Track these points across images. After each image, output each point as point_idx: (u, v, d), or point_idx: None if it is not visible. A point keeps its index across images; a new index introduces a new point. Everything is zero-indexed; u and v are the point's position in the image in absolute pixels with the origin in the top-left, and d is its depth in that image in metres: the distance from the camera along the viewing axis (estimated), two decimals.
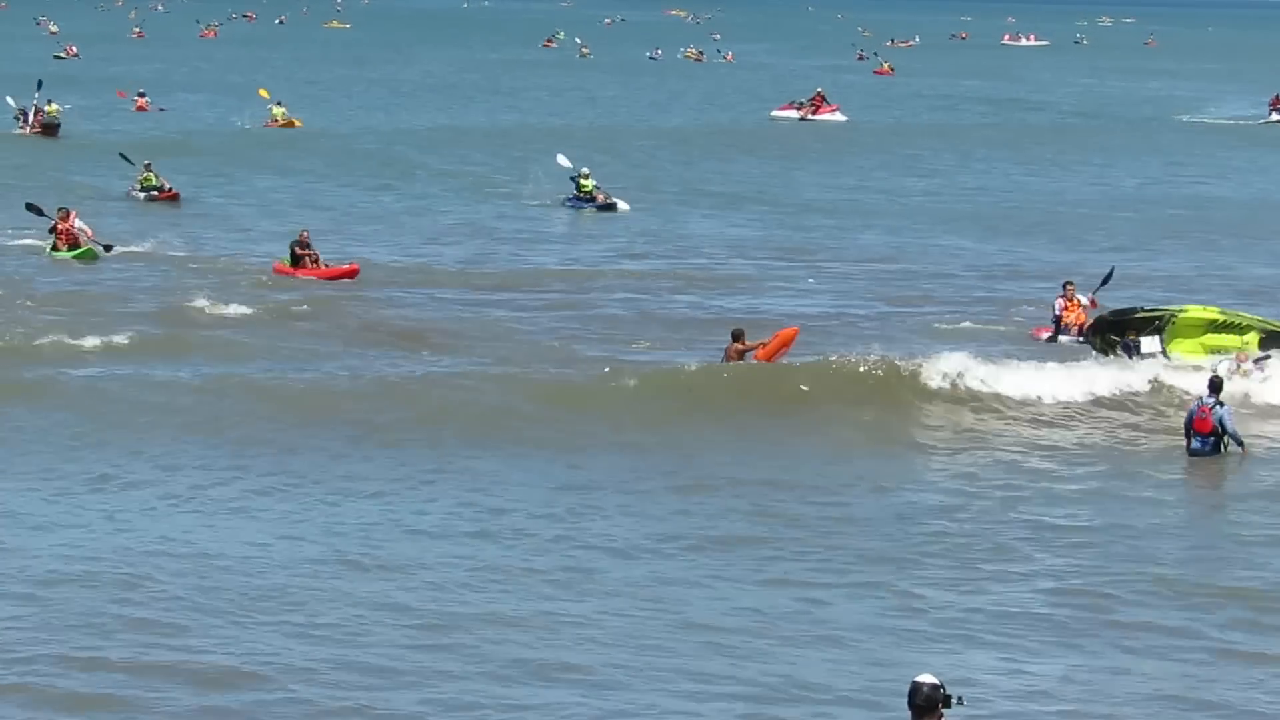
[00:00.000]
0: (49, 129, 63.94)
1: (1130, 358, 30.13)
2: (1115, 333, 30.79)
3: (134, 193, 49.93)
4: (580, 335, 32.79)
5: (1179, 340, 30.65)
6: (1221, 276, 41.22)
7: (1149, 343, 30.51)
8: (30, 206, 40.64)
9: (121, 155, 51.12)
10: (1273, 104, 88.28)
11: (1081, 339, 31.73)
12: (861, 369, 28.06)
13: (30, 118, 64.95)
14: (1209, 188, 60.53)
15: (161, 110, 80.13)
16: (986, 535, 20.59)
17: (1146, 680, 16.31)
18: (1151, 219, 51.80)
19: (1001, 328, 34.05)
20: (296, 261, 38.26)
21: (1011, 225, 49.61)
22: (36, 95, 65.57)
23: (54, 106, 70.91)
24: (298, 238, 38.77)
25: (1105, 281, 33.98)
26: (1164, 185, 60.75)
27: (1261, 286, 39.50)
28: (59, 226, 39.79)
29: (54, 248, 39.82)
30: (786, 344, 29.97)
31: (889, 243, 45.70)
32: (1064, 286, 33.48)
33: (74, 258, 39.25)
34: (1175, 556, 20.14)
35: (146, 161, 50.95)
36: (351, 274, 38.06)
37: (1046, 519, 21.48)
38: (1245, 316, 31.18)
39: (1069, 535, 20.72)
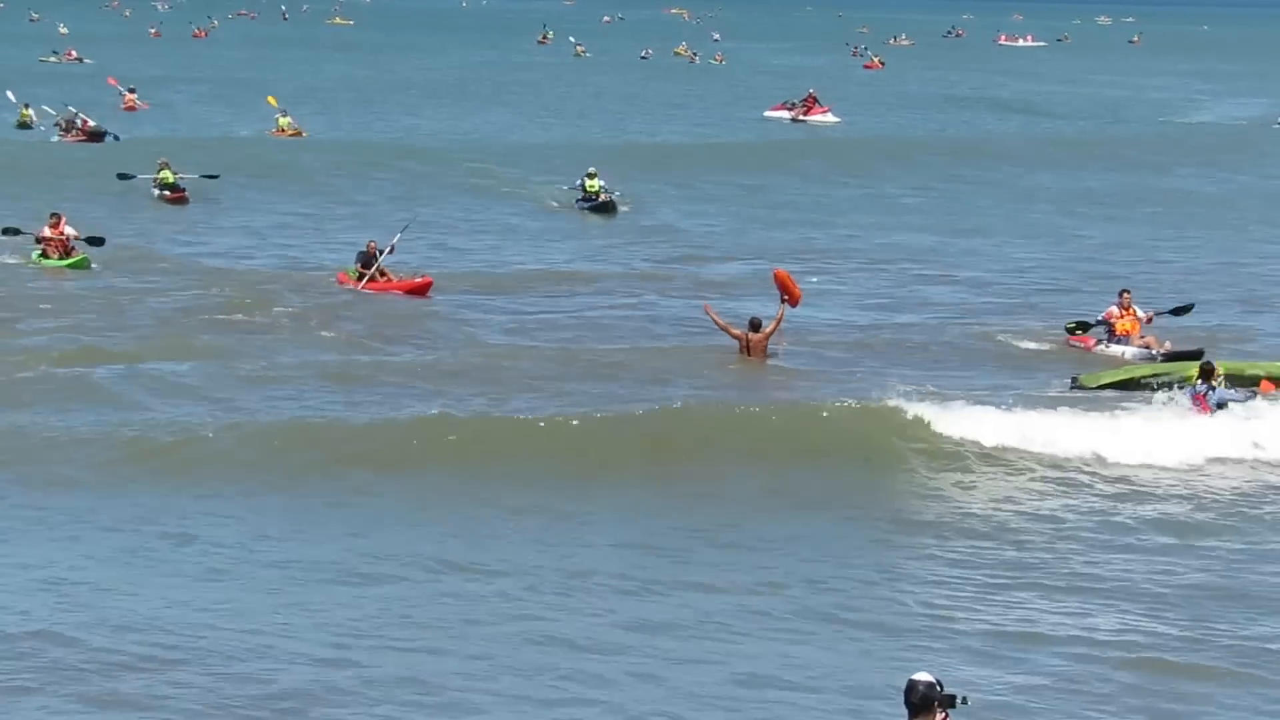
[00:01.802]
0: (95, 136, 64.34)
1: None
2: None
3: (151, 187, 50.18)
4: (572, 344, 32.18)
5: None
6: (1241, 279, 41.31)
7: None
8: (7, 230, 39.31)
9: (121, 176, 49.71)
10: None
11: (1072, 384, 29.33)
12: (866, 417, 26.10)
13: (73, 127, 65.48)
14: (1217, 190, 60.49)
15: (134, 94, 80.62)
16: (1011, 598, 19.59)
17: None
18: (1160, 219, 51.97)
19: (1040, 341, 32.91)
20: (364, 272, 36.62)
21: (1011, 228, 49.59)
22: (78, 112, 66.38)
23: (29, 111, 70.87)
24: (365, 248, 36.99)
25: (1178, 313, 32.48)
26: (1170, 188, 60.72)
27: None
28: (48, 234, 38.50)
29: (43, 255, 38.47)
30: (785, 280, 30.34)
31: (893, 245, 45.59)
32: (1120, 295, 31.84)
33: (67, 267, 38.00)
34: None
35: (163, 159, 51.11)
36: (423, 288, 36.21)
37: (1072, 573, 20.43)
38: (1253, 365, 29.39)
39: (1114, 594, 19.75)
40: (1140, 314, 31.68)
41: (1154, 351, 30.93)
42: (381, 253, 36.64)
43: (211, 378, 28.47)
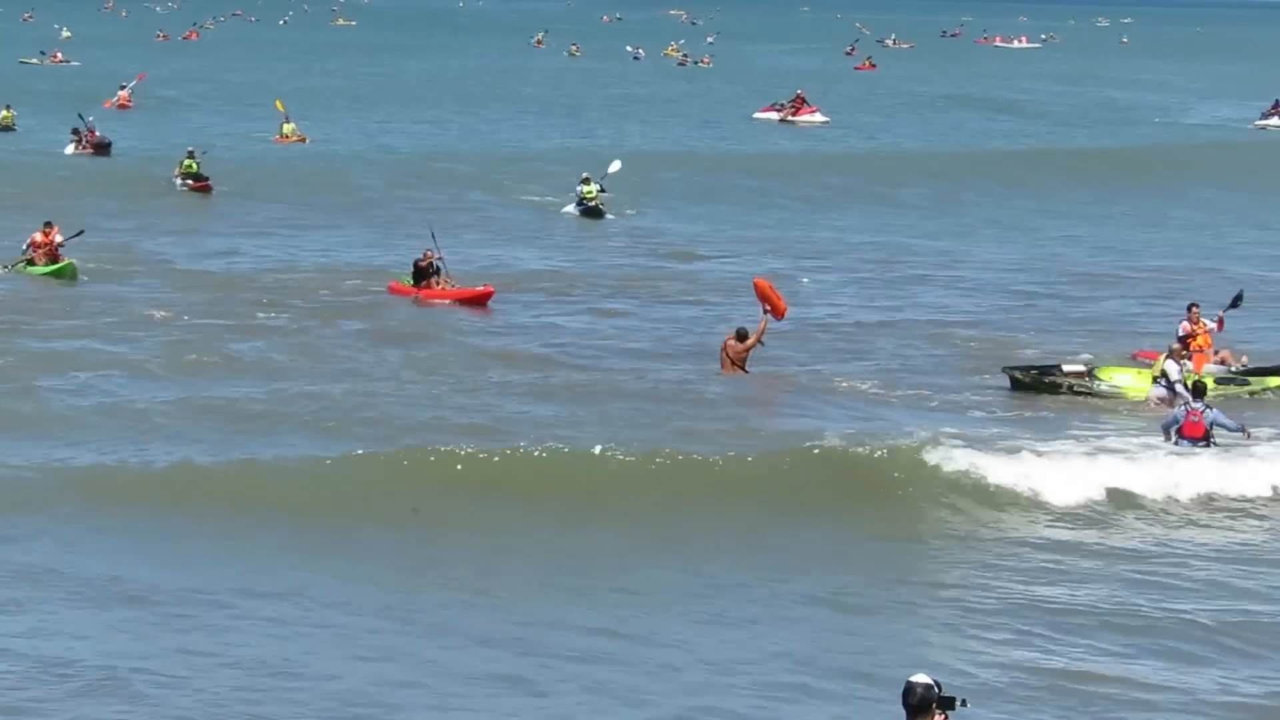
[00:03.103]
0: (101, 148, 63.33)
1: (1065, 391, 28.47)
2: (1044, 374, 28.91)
3: (175, 178, 51.40)
4: (558, 357, 31.50)
5: (1118, 371, 28.98)
6: (1236, 279, 41.18)
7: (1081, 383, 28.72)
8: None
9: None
10: (1274, 109, 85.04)
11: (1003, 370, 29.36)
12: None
13: (84, 138, 64.33)
14: (1208, 190, 60.50)
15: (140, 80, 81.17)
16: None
17: None
18: (1153, 221, 52.07)
19: (1035, 350, 32.11)
20: (419, 281, 36.06)
21: (1004, 232, 49.60)
22: (89, 119, 65.87)
23: (10, 112, 70.67)
24: (422, 256, 36.44)
25: (1234, 304, 31.66)
26: (1161, 188, 60.63)
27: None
28: (39, 240, 38.06)
29: (30, 262, 37.93)
30: (764, 293, 29.87)
31: (887, 248, 45.53)
32: (1188, 310, 30.40)
33: (51, 274, 37.44)
34: None
35: (190, 148, 53.00)
36: (484, 297, 35.62)
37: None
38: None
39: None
40: (1209, 324, 30.19)
41: (1231, 368, 29.70)
42: (437, 271, 36.23)
43: (214, 394, 27.65)
